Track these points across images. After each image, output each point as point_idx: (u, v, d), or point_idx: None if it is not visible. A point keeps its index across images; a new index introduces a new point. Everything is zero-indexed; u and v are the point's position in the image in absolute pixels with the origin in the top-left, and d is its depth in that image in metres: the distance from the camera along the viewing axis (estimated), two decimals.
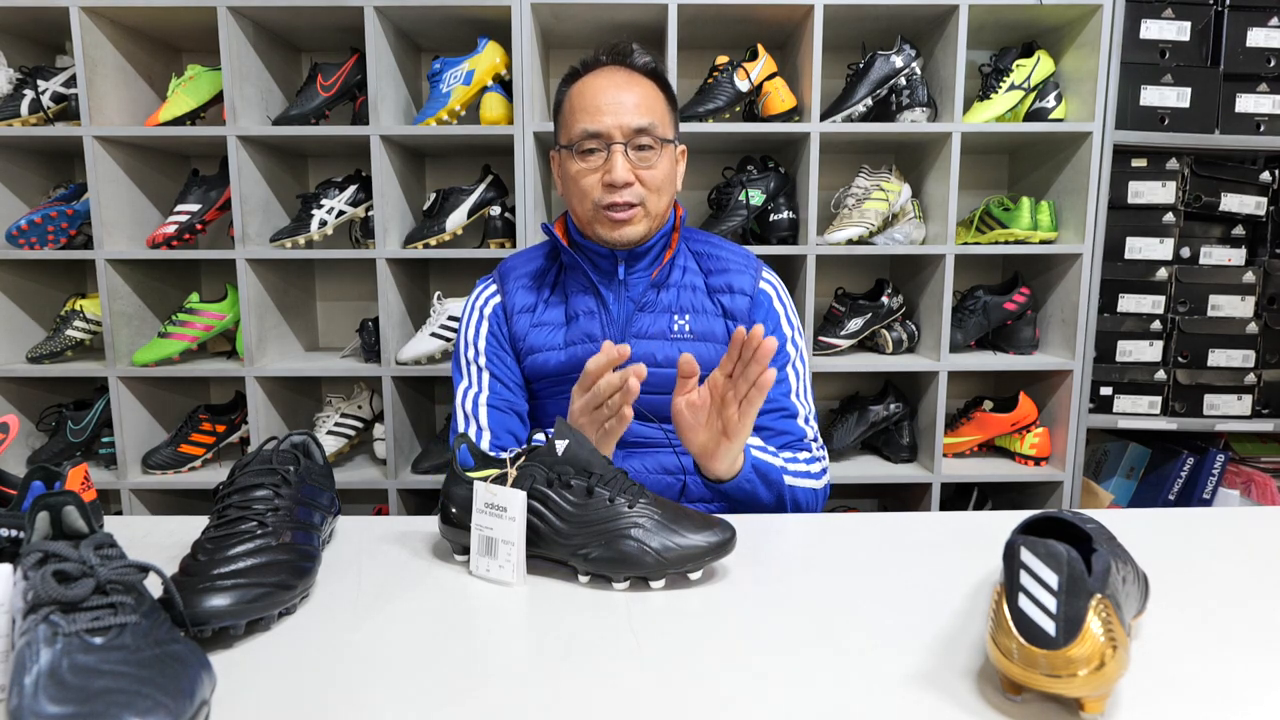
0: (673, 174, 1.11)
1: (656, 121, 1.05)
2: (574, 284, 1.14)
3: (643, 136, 1.04)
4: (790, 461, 1.05)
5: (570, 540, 0.70)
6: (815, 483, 1.07)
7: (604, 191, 1.04)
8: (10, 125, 1.68)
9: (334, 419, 1.84)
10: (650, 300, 1.11)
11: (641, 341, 1.09)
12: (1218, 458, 1.80)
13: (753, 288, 1.14)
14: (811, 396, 1.16)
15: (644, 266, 1.12)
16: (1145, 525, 0.86)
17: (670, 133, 1.09)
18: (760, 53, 1.74)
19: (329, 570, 0.74)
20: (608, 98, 1.03)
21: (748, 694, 0.54)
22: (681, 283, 1.13)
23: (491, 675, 0.56)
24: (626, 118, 1.03)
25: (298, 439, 0.80)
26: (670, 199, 1.11)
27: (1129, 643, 0.50)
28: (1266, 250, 1.81)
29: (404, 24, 1.75)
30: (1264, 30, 1.71)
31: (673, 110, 1.11)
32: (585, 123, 1.03)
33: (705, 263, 1.16)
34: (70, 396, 1.90)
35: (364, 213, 1.78)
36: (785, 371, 1.12)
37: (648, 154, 1.05)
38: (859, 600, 0.68)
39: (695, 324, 1.11)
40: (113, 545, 0.54)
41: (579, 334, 1.10)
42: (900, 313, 1.87)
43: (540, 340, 1.12)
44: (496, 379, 1.13)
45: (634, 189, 1.04)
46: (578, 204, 1.08)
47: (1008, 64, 1.75)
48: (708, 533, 0.70)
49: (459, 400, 1.14)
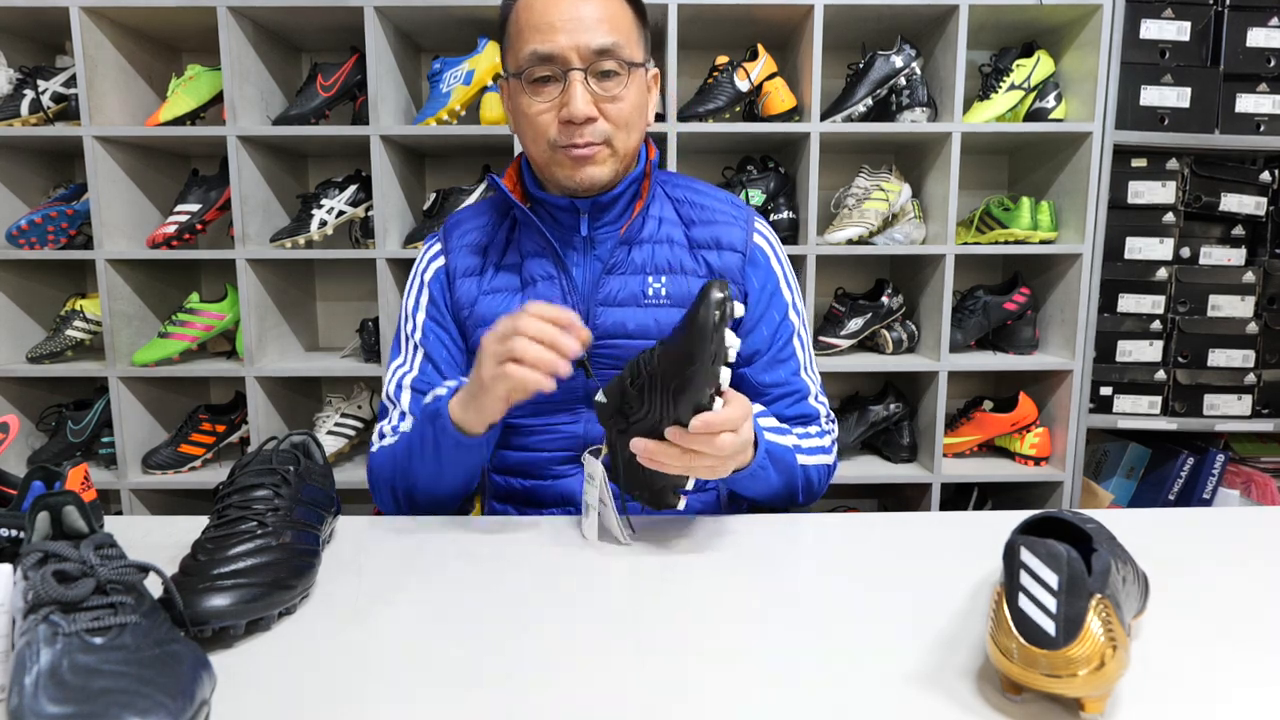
0: (644, 105, 0.93)
1: (622, 40, 0.87)
2: (529, 244, 0.97)
3: (606, 60, 0.86)
4: (803, 438, 0.94)
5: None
6: (827, 457, 0.97)
7: (560, 130, 0.87)
8: (10, 125, 1.68)
9: (334, 419, 1.84)
10: (620, 260, 0.95)
11: (610, 310, 0.94)
12: (1218, 458, 1.80)
13: (745, 242, 0.98)
14: (816, 367, 1.04)
15: (611, 219, 0.95)
16: (1145, 525, 0.86)
17: (639, 54, 0.91)
18: (760, 53, 1.74)
19: (329, 570, 0.74)
20: (561, 11, 0.85)
21: (748, 693, 0.54)
22: (657, 236, 0.97)
23: (492, 675, 0.56)
24: (585, 36, 0.85)
25: (298, 439, 0.80)
26: (640, 135, 0.94)
27: (1129, 643, 0.50)
28: (1266, 250, 1.81)
29: (404, 24, 1.75)
30: (1264, 30, 1.71)
31: (642, 25, 0.93)
32: (535, 43, 0.85)
33: (686, 211, 0.99)
34: (70, 396, 1.90)
35: (364, 213, 1.78)
36: (790, 346, 0.99)
37: (612, 82, 0.87)
38: (859, 600, 0.68)
39: (672, 286, 0.95)
40: (113, 545, 0.54)
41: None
42: (900, 313, 1.87)
43: (490, 309, 0.96)
44: (429, 360, 0.98)
45: (597, 126, 0.87)
46: (531, 144, 0.91)
47: (1008, 64, 1.75)
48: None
49: (386, 378, 1.00)
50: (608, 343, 0.94)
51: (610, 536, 0.81)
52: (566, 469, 0.98)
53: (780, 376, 0.98)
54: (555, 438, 0.97)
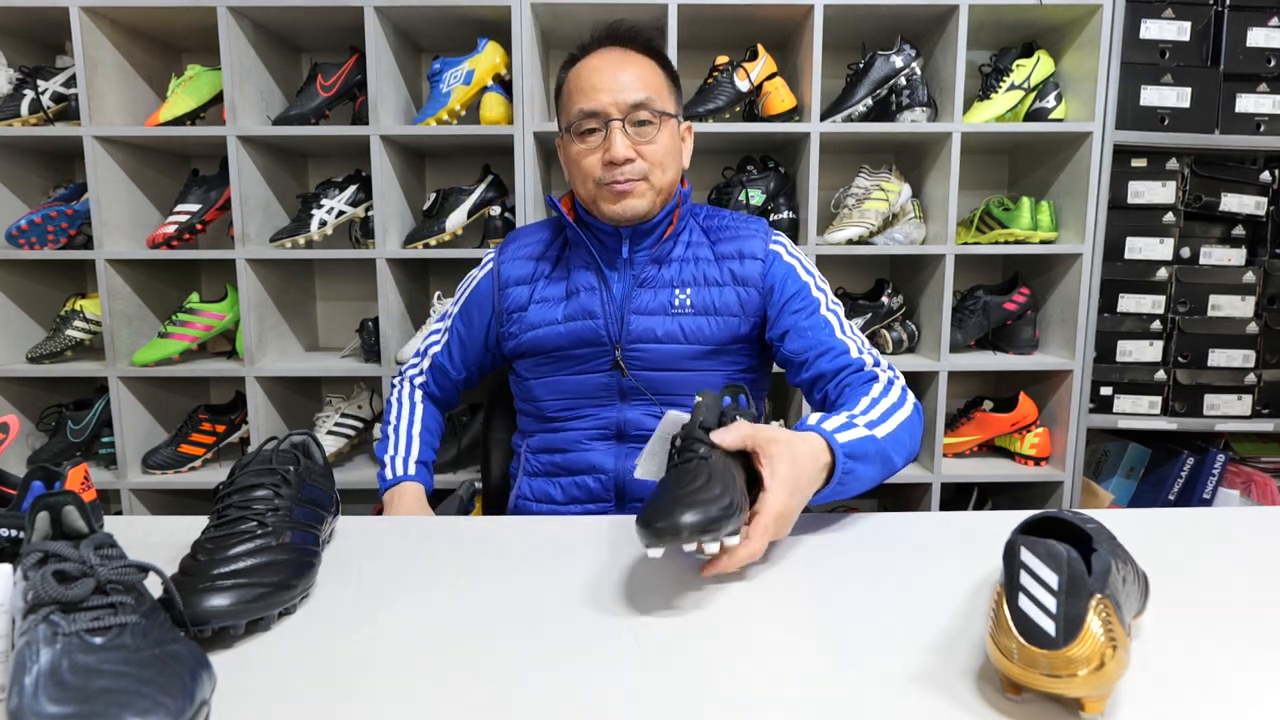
0: (676, 148, 1.10)
1: (653, 95, 1.04)
2: (577, 260, 1.13)
3: (640, 111, 1.03)
4: (870, 408, 0.91)
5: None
6: (905, 410, 0.94)
7: (605, 170, 1.04)
8: (10, 125, 1.68)
9: (334, 419, 1.84)
10: (650, 275, 1.10)
11: (640, 318, 1.09)
12: (1218, 458, 1.80)
13: (764, 250, 1.11)
14: (858, 332, 1.08)
15: (649, 244, 1.11)
16: (1145, 525, 0.86)
17: (670, 106, 1.08)
18: (760, 53, 1.74)
19: (329, 570, 0.74)
20: (603, 77, 1.03)
21: (748, 693, 0.54)
22: (684, 256, 1.12)
23: (491, 675, 0.56)
24: (623, 94, 1.02)
25: (298, 439, 0.80)
26: (676, 173, 1.10)
27: (1129, 643, 0.50)
28: (1266, 250, 1.81)
29: (404, 24, 1.75)
30: (1264, 30, 1.71)
31: (673, 86, 1.10)
32: (582, 103, 1.03)
33: (713, 233, 1.14)
34: (70, 396, 1.90)
35: (364, 213, 1.78)
36: (819, 316, 1.08)
37: (647, 129, 1.04)
38: (859, 600, 0.68)
39: (696, 297, 1.09)
40: (113, 545, 0.54)
41: (578, 309, 1.10)
42: (900, 313, 1.87)
43: (540, 316, 1.12)
44: (448, 347, 1.22)
45: (635, 165, 1.04)
46: (580, 185, 1.08)
47: (1008, 64, 1.75)
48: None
49: (424, 335, 1.28)
50: (639, 346, 1.09)
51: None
52: (596, 444, 1.12)
53: (813, 340, 1.06)
54: (590, 420, 1.12)
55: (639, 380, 1.10)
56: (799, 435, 0.80)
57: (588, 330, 1.09)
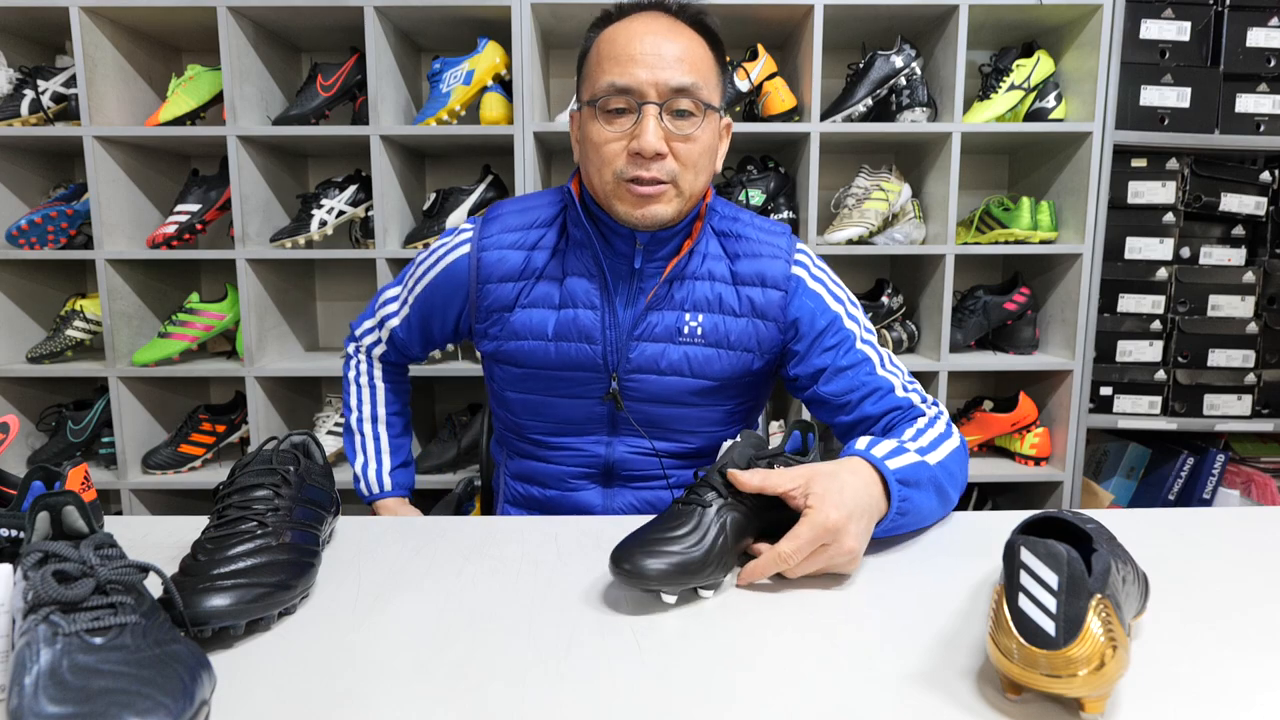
0: (714, 149, 0.92)
1: (700, 82, 0.85)
2: (577, 263, 0.94)
3: (682, 99, 0.84)
4: (918, 436, 0.86)
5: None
6: (953, 441, 0.88)
7: (629, 162, 0.85)
8: (10, 125, 1.69)
9: (334, 419, 1.84)
10: (661, 295, 0.94)
11: (645, 345, 0.94)
12: (1218, 458, 1.80)
13: (785, 276, 0.95)
14: (898, 364, 0.98)
15: (664, 256, 0.94)
16: (1145, 525, 0.85)
17: (716, 98, 0.90)
18: (760, 53, 1.74)
19: (329, 570, 0.74)
20: (644, 46, 0.84)
21: (748, 693, 0.54)
22: (700, 272, 0.95)
23: (491, 675, 0.56)
24: (665, 73, 0.83)
25: (298, 439, 0.80)
26: (708, 179, 0.92)
27: (1129, 643, 0.50)
28: (1266, 250, 1.81)
29: (404, 24, 1.75)
30: (1264, 30, 1.71)
31: (721, 72, 0.92)
32: (614, 75, 0.84)
33: (731, 245, 0.96)
34: (70, 396, 1.90)
35: (364, 213, 1.79)
36: (855, 351, 0.95)
37: (686, 121, 0.86)
38: (859, 600, 0.68)
39: (709, 325, 0.94)
40: (113, 545, 0.54)
41: (573, 329, 0.93)
42: (900, 313, 1.87)
43: (527, 324, 0.95)
44: (408, 321, 1.05)
45: (665, 164, 0.86)
46: (595, 174, 0.89)
47: (1008, 64, 1.75)
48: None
49: (378, 302, 1.08)
50: (639, 377, 0.94)
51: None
52: (584, 484, 1.00)
53: (853, 381, 0.94)
54: (578, 455, 1.00)
55: (633, 413, 0.96)
56: (844, 465, 0.75)
57: (583, 355, 0.94)
